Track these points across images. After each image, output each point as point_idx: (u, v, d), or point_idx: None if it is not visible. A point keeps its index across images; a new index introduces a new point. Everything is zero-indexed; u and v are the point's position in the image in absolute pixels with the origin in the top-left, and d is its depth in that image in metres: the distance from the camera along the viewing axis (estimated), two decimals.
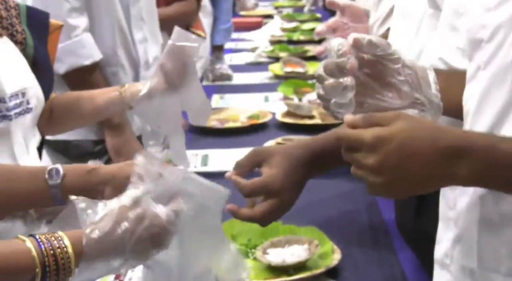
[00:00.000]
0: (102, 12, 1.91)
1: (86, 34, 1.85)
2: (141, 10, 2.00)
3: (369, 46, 0.93)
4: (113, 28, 1.92)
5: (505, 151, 0.80)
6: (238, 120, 2.45)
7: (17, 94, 1.20)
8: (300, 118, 2.40)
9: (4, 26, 1.24)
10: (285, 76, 3.01)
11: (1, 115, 1.17)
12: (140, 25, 2.00)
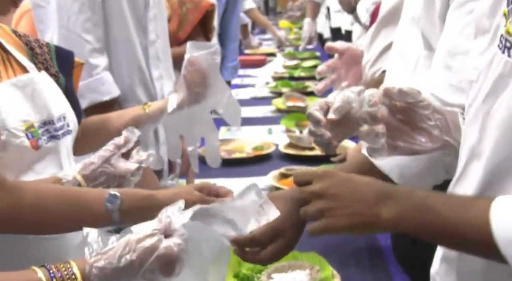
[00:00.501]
0: (121, 52, 1.91)
1: (105, 73, 1.86)
2: (158, 50, 2.00)
3: (400, 95, 0.96)
4: (132, 67, 1.93)
5: (421, 197, 0.83)
6: (244, 151, 2.47)
7: (60, 117, 1.25)
8: (302, 149, 2.42)
9: (40, 61, 1.30)
10: (287, 110, 3.03)
11: (52, 135, 1.22)
12: (157, 64, 2.00)
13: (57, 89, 1.28)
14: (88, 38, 1.80)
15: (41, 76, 1.25)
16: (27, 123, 1.16)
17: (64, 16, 1.78)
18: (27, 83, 1.20)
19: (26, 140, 1.15)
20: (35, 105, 1.19)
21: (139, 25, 1.92)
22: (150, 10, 1.95)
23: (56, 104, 1.25)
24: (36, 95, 1.21)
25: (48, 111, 1.22)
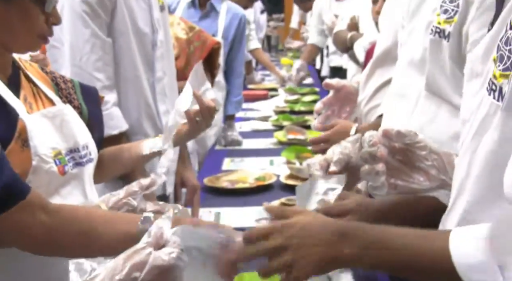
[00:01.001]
0: (130, 89, 1.92)
1: (114, 108, 1.87)
2: (165, 86, 2.02)
3: (398, 136, 0.98)
4: (140, 103, 1.94)
5: (378, 232, 0.84)
6: (246, 181, 2.46)
7: (84, 146, 1.30)
8: (302, 180, 2.41)
9: (64, 95, 1.36)
10: (288, 143, 3.04)
11: (77, 162, 1.26)
12: (164, 99, 2.02)
13: (80, 120, 1.33)
14: (99, 76, 1.82)
15: (67, 108, 1.31)
16: (56, 150, 1.20)
17: (76, 56, 1.80)
18: (56, 114, 1.25)
19: (54, 166, 1.19)
20: (62, 134, 1.24)
21: (147, 64, 1.95)
22: (157, 50, 1.97)
23: (80, 133, 1.31)
24: (64, 125, 1.26)
25: (74, 140, 1.27)
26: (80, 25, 1.79)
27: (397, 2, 1.66)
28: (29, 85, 1.27)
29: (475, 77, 0.88)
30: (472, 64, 0.90)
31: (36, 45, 1.28)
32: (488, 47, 0.84)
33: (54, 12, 1.25)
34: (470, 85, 0.90)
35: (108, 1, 1.83)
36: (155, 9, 1.98)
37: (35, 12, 1.21)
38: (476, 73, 0.87)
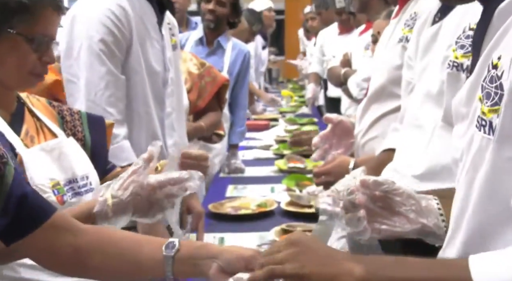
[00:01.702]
0: (141, 123, 1.93)
1: (125, 141, 1.86)
2: (173, 121, 2.02)
3: (375, 185, 0.99)
4: (149, 136, 1.93)
5: (390, 258, 0.83)
6: (249, 207, 2.44)
7: (83, 177, 1.30)
8: (301, 207, 2.39)
9: (69, 127, 1.37)
10: (288, 171, 3.02)
11: (76, 192, 1.27)
12: (172, 133, 2.02)
13: (81, 152, 1.33)
14: (111, 111, 1.82)
15: (68, 141, 1.32)
16: (54, 181, 1.22)
17: (91, 91, 1.81)
18: (54, 147, 1.26)
19: (53, 195, 1.20)
20: (61, 166, 1.25)
21: (158, 100, 1.95)
22: (168, 87, 1.98)
23: (80, 165, 1.31)
24: (62, 158, 1.27)
25: (72, 171, 1.27)
26: (96, 63, 1.80)
27: (390, 44, 1.68)
28: (32, 119, 1.28)
29: (461, 121, 0.88)
30: (456, 108, 0.90)
31: (29, 82, 1.28)
32: (470, 90, 0.84)
33: (48, 51, 1.25)
34: (457, 129, 0.90)
35: (124, 41, 1.84)
36: (167, 49, 1.99)
37: (25, 49, 1.21)
38: (462, 116, 0.88)
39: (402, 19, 1.65)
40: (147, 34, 1.91)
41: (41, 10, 1.22)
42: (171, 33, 2.06)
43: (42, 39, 1.22)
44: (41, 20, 1.22)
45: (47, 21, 1.23)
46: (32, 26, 1.21)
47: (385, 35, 1.76)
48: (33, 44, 1.21)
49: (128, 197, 1.18)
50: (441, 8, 1.30)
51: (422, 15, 1.46)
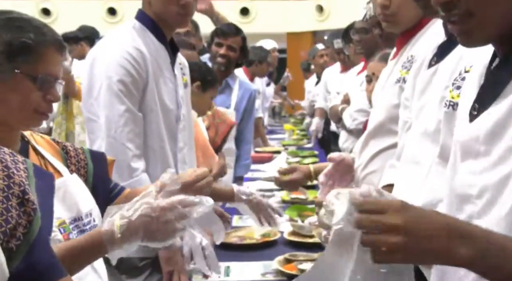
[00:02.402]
0: (156, 158, 1.94)
1: (143, 174, 1.87)
2: (185, 155, 2.04)
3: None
4: (164, 169, 1.94)
5: (497, 240, 0.78)
6: (253, 237, 2.43)
7: (87, 214, 1.27)
8: (303, 237, 2.38)
9: (73, 163, 1.35)
10: (290, 201, 3.02)
11: (81, 230, 1.23)
12: (184, 166, 2.03)
13: (85, 188, 1.31)
14: (130, 146, 1.84)
15: (72, 178, 1.29)
16: (60, 220, 1.19)
17: (112, 128, 1.82)
18: (59, 187, 1.21)
19: (59, 234, 1.17)
20: (66, 205, 1.22)
21: (171, 135, 1.97)
22: (180, 123, 2.00)
23: (84, 202, 1.28)
24: (67, 197, 1.24)
25: (77, 209, 1.24)
26: (116, 102, 1.82)
27: (388, 84, 1.70)
28: (37, 157, 1.26)
29: (475, 157, 0.87)
30: (467, 145, 0.89)
31: (34, 121, 1.25)
32: (495, 128, 0.84)
33: (52, 90, 1.22)
34: (468, 165, 0.88)
35: (141, 81, 1.87)
36: (180, 87, 2.02)
37: (29, 88, 1.18)
38: (477, 153, 0.87)
39: (400, 61, 1.67)
40: (161, 74, 1.94)
41: (44, 50, 1.20)
42: (182, 72, 2.10)
43: (46, 78, 1.20)
44: (44, 59, 1.20)
45: (50, 60, 1.21)
46: (36, 66, 1.19)
47: (384, 75, 1.79)
48: (37, 83, 1.19)
49: (137, 218, 1.14)
50: (437, 53, 1.33)
51: (418, 59, 1.48)
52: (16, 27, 1.18)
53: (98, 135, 1.84)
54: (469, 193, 0.88)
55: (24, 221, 0.82)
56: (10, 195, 0.82)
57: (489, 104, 0.86)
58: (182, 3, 1.88)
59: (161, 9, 1.90)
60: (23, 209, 0.83)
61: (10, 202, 0.81)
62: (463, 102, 0.97)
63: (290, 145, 5.40)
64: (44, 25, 1.23)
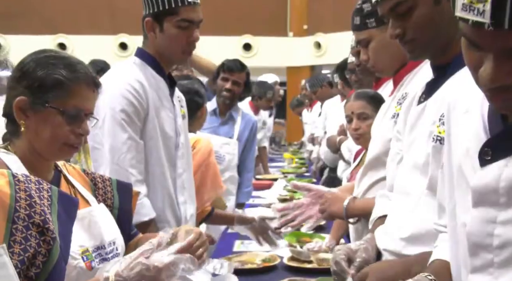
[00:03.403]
0: (157, 183, 1.94)
1: (145, 199, 1.87)
2: (184, 181, 2.04)
3: None
4: (164, 195, 1.96)
5: None
6: (254, 262, 2.40)
7: (111, 242, 1.26)
8: (302, 262, 2.35)
9: (100, 194, 1.35)
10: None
11: (103, 258, 1.22)
12: (183, 191, 2.03)
13: (110, 218, 1.29)
14: (133, 172, 1.84)
15: (99, 207, 1.28)
16: (83, 248, 1.17)
17: (115, 155, 1.83)
18: (85, 216, 1.22)
19: (82, 262, 1.15)
20: (90, 233, 1.21)
21: (170, 162, 1.97)
22: (179, 150, 2.00)
23: (108, 231, 1.26)
24: (92, 225, 1.23)
25: (101, 238, 1.23)
26: (119, 130, 1.84)
27: (385, 119, 1.70)
28: (68, 186, 1.27)
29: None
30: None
31: (64, 153, 1.25)
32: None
33: (82, 124, 1.23)
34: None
35: (142, 111, 1.89)
36: (178, 117, 2.04)
37: (59, 122, 1.19)
38: None
39: (396, 98, 1.68)
40: (161, 104, 1.96)
41: (75, 86, 1.21)
42: (180, 104, 2.11)
43: (75, 112, 1.21)
44: (75, 95, 1.21)
45: (81, 96, 1.22)
46: (66, 100, 1.20)
47: (382, 110, 1.80)
48: (66, 117, 1.20)
49: (133, 278, 1.10)
50: (425, 91, 1.34)
51: (411, 94, 1.49)
52: (50, 64, 1.20)
53: (102, 162, 1.84)
54: (487, 242, 0.84)
55: (44, 249, 0.82)
56: (31, 224, 0.82)
57: (508, 154, 0.81)
58: (191, 40, 1.89)
59: (167, 47, 1.91)
60: (43, 238, 0.83)
61: (29, 231, 0.81)
62: (460, 138, 0.92)
63: (289, 173, 5.39)
64: (78, 63, 1.25)
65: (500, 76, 0.75)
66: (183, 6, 1.84)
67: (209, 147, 2.44)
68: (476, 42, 0.76)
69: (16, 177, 0.88)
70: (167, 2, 1.84)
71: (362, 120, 2.09)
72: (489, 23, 0.70)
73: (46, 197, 0.88)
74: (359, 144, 2.19)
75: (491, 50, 0.75)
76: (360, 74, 2.46)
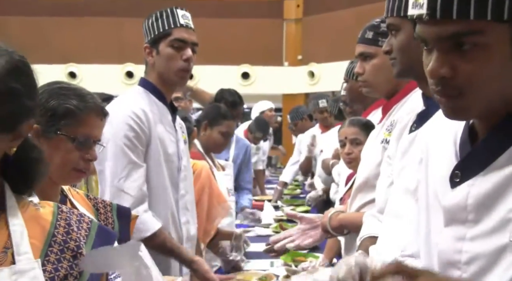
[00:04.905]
0: (160, 205, 1.92)
1: (145, 214, 1.84)
2: (186, 202, 2.03)
3: None
4: (167, 215, 1.95)
5: None
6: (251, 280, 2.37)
7: None
8: None
9: (102, 219, 1.35)
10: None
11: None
12: (185, 212, 2.02)
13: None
14: (132, 193, 1.83)
15: None
16: None
17: (116, 178, 1.83)
18: None
19: None
20: None
21: (173, 184, 1.96)
22: (181, 173, 1.99)
23: None
24: None
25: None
26: (120, 155, 1.83)
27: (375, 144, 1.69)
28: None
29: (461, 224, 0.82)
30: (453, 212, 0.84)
31: (73, 177, 1.27)
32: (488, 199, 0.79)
33: (90, 150, 1.25)
34: (452, 230, 0.83)
35: (144, 136, 1.88)
36: (180, 142, 2.02)
37: (69, 148, 1.22)
38: (464, 221, 0.82)
39: (385, 125, 1.67)
40: (164, 130, 1.96)
41: (85, 115, 1.25)
42: (182, 130, 2.11)
43: (85, 140, 1.23)
44: (85, 123, 1.25)
45: (90, 124, 1.26)
46: (76, 128, 1.23)
47: (372, 136, 1.79)
48: (77, 144, 1.22)
49: None
50: (416, 120, 1.33)
51: (399, 122, 1.48)
52: (62, 94, 1.23)
53: (105, 184, 1.84)
54: (455, 259, 0.83)
55: (75, 272, 0.89)
56: (66, 248, 0.89)
57: (475, 174, 0.81)
58: (184, 58, 1.91)
59: (164, 67, 1.93)
60: (76, 261, 0.89)
61: (63, 254, 0.89)
62: (436, 168, 0.91)
63: (285, 194, 5.34)
64: (88, 94, 1.28)
65: (440, 68, 0.77)
66: (175, 28, 1.90)
67: (208, 170, 2.44)
68: (423, 37, 0.79)
69: (60, 208, 0.95)
70: (161, 26, 1.91)
71: (354, 145, 2.10)
72: (425, 13, 0.75)
73: (85, 228, 0.94)
74: (350, 168, 2.18)
75: (434, 44, 0.78)
76: (352, 104, 2.46)
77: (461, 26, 0.74)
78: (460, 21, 0.73)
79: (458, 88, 0.78)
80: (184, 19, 1.92)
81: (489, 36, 0.74)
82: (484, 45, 0.75)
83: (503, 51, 0.75)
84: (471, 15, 0.73)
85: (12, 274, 0.83)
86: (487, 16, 0.73)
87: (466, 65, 0.76)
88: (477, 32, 0.74)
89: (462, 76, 0.76)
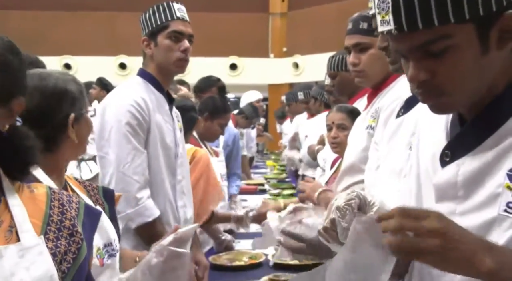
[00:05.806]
0: (158, 189, 1.91)
1: (148, 200, 1.84)
2: (183, 187, 2.01)
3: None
4: (165, 199, 1.93)
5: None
6: (242, 259, 2.37)
7: (114, 239, 1.23)
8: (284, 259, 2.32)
9: (93, 200, 1.32)
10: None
11: (110, 254, 1.19)
12: (182, 196, 2.00)
13: (108, 219, 1.26)
14: (136, 178, 1.82)
15: (100, 208, 1.24)
16: (97, 246, 1.14)
17: (120, 164, 1.81)
18: None
19: (96, 259, 1.13)
20: (100, 233, 1.17)
21: (170, 170, 1.94)
22: (178, 159, 1.97)
23: (111, 230, 1.23)
24: (100, 225, 1.18)
25: (107, 236, 1.20)
26: (124, 142, 1.81)
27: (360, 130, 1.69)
28: (73, 194, 1.24)
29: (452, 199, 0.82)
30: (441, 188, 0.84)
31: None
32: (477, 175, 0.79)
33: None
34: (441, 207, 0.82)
35: (145, 124, 1.86)
36: (177, 130, 2.01)
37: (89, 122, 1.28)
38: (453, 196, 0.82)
39: (370, 112, 1.67)
40: (161, 118, 1.94)
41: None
42: (177, 119, 2.10)
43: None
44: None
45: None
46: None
47: (357, 123, 1.78)
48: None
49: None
50: (403, 106, 1.33)
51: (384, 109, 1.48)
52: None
53: (108, 170, 1.82)
54: None
55: (74, 248, 0.90)
56: (62, 227, 0.91)
57: (464, 153, 0.82)
58: (182, 49, 1.89)
59: (163, 58, 1.90)
60: (72, 238, 0.91)
61: (61, 233, 0.90)
62: (427, 148, 0.92)
63: (271, 178, 5.36)
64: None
65: (418, 74, 0.78)
66: (172, 20, 1.89)
67: (207, 158, 2.42)
68: (399, 50, 0.80)
69: (52, 189, 0.97)
70: (159, 19, 1.89)
71: (340, 130, 2.09)
72: (393, 28, 0.76)
73: (75, 208, 0.95)
74: (336, 152, 2.18)
75: (409, 53, 0.79)
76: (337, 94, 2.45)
77: (428, 35, 0.75)
78: (426, 30, 0.74)
79: (439, 87, 0.79)
80: (180, 12, 1.91)
81: (457, 38, 0.75)
82: (454, 47, 0.76)
83: (474, 48, 0.76)
84: (436, 22, 0.74)
85: (19, 251, 0.84)
86: (451, 20, 0.74)
87: (442, 68, 0.77)
88: (444, 36, 0.75)
89: (440, 77, 0.78)
